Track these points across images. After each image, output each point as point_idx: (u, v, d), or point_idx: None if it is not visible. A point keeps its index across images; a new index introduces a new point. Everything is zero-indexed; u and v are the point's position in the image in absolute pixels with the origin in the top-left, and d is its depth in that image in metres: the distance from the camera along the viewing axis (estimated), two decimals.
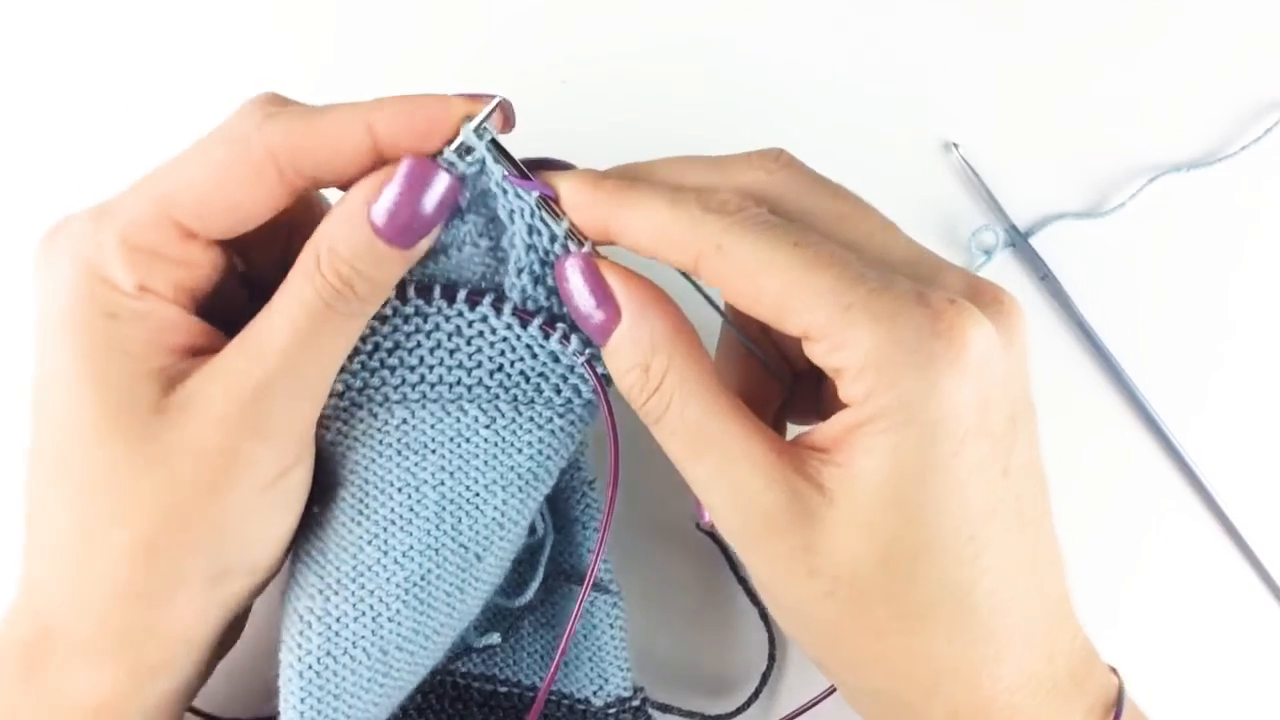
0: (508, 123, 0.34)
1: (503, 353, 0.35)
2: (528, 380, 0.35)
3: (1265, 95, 0.52)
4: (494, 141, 0.32)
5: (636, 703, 0.42)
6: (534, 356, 0.35)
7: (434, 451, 0.35)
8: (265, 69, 0.51)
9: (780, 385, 0.39)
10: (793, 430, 0.40)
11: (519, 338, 0.35)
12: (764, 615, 0.45)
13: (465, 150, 0.32)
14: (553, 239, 0.33)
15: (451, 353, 0.35)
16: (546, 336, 0.34)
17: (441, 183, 0.32)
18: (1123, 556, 0.47)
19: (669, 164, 0.34)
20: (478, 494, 0.35)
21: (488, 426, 0.36)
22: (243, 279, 0.37)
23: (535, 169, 0.34)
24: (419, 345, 0.35)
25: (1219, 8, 0.53)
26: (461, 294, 0.34)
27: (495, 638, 0.41)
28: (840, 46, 0.52)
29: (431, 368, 0.35)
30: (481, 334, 0.35)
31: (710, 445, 0.31)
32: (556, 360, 0.35)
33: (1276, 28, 0.53)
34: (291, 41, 0.51)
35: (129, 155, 0.49)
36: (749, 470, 0.31)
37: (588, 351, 0.34)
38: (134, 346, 0.31)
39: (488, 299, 0.34)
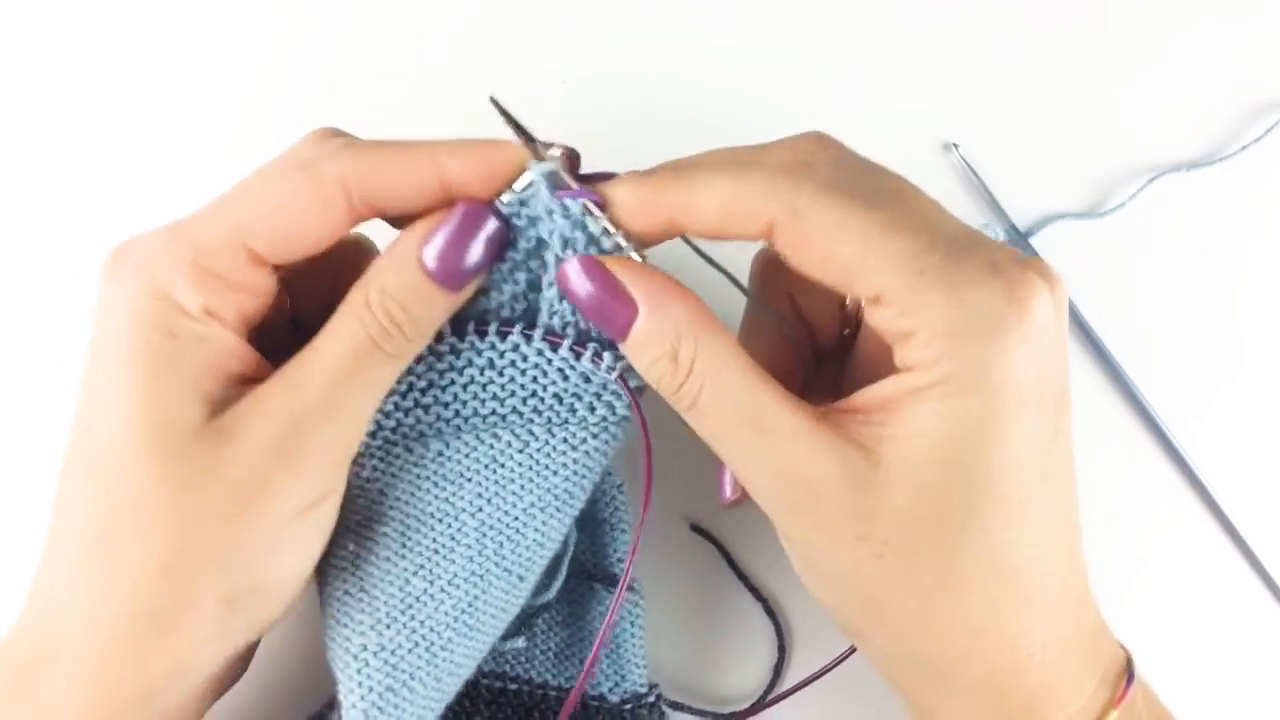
0: (574, 169, 0.34)
1: (535, 379, 0.35)
2: (561, 402, 0.36)
3: (1265, 95, 0.52)
4: (553, 174, 0.32)
5: (652, 699, 0.42)
6: (566, 379, 0.35)
7: (470, 480, 0.36)
8: (263, 72, 0.51)
9: (802, 366, 0.39)
10: None
11: (550, 362, 0.35)
12: (769, 610, 0.45)
13: (523, 193, 0.32)
14: (600, 246, 0.32)
15: (485, 386, 0.35)
16: (578, 357, 0.34)
17: (490, 226, 0.32)
18: (1123, 556, 0.47)
19: (710, 155, 0.33)
20: (517, 518, 0.36)
21: (521, 451, 0.36)
22: (290, 317, 0.38)
23: (583, 181, 0.33)
24: (452, 382, 0.35)
25: (1219, 9, 0.53)
26: (493, 327, 0.35)
27: (520, 642, 0.41)
28: (840, 47, 0.52)
29: (465, 402, 0.36)
30: (514, 363, 0.35)
31: (748, 421, 0.31)
32: (588, 380, 0.35)
33: (1276, 28, 0.53)
34: (291, 44, 0.51)
35: (127, 165, 0.49)
36: (790, 440, 0.31)
37: (619, 365, 0.34)
38: (189, 367, 0.31)
39: (518, 328, 0.35)
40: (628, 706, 0.42)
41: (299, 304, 0.38)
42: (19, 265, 0.48)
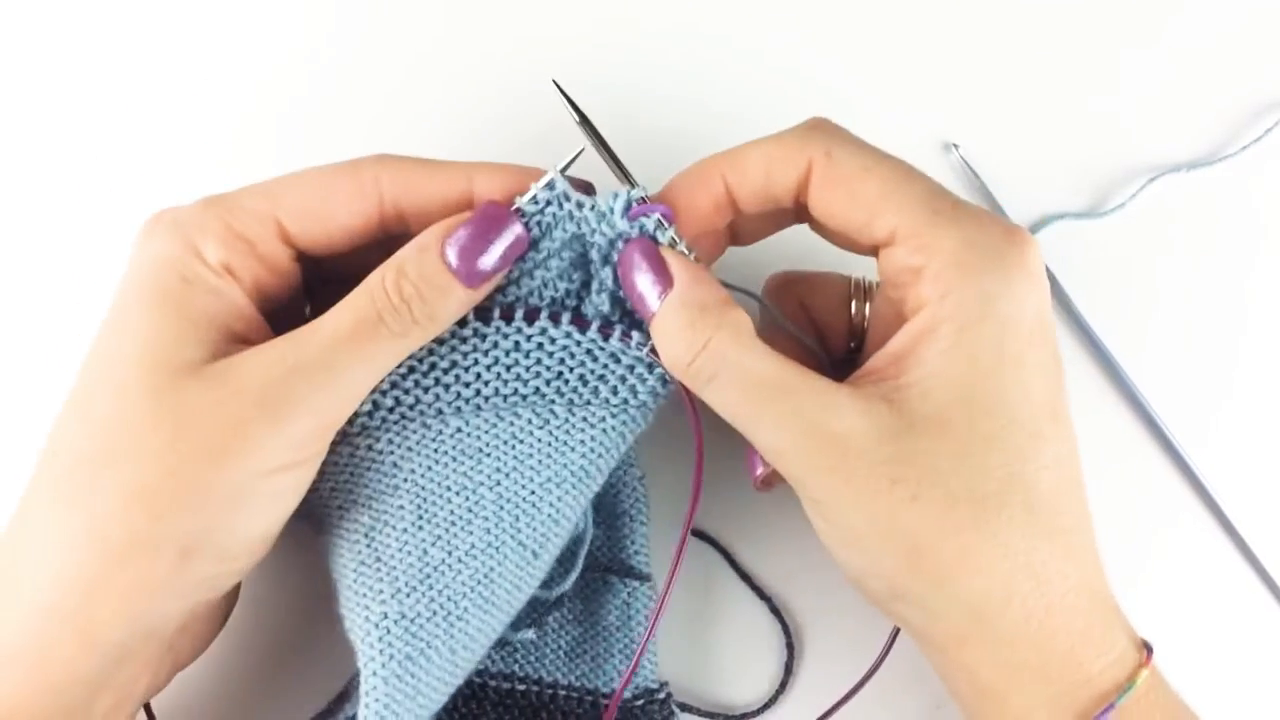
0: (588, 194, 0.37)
1: (562, 360, 0.37)
2: (585, 384, 0.37)
3: (1265, 95, 0.52)
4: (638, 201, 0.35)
5: (662, 696, 0.42)
6: (594, 359, 0.37)
7: (488, 455, 0.37)
8: (266, 75, 0.51)
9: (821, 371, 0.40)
10: None
11: (579, 343, 0.36)
12: (774, 608, 0.45)
13: (540, 199, 0.35)
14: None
15: (509, 368, 0.37)
16: (606, 338, 0.36)
17: (513, 231, 0.34)
18: (1122, 555, 0.47)
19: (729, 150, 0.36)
20: (533, 492, 0.37)
21: (541, 428, 0.37)
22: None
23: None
24: (476, 363, 0.37)
25: (1219, 8, 0.53)
26: (519, 313, 0.36)
27: (530, 634, 0.41)
28: (840, 47, 0.52)
29: (488, 382, 0.37)
30: (540, 345, 0.37)
31: (772, 389, 0.33)
32: (617, 360, 0.37)
33: (1276, 28, 0.53)
34: (293, 44, 0.51)
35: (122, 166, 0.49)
36: (814, 402, 0.33)
37: (650, 342, 0.36)
38: (196, 314, 0.33)
39: (544, 313, 0.36)
40: (639, 702, 0.42)
41: (319, 310, 0.38)
42: (26, 267, 0.48)
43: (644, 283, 0.35)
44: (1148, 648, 0.35)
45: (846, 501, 0.33)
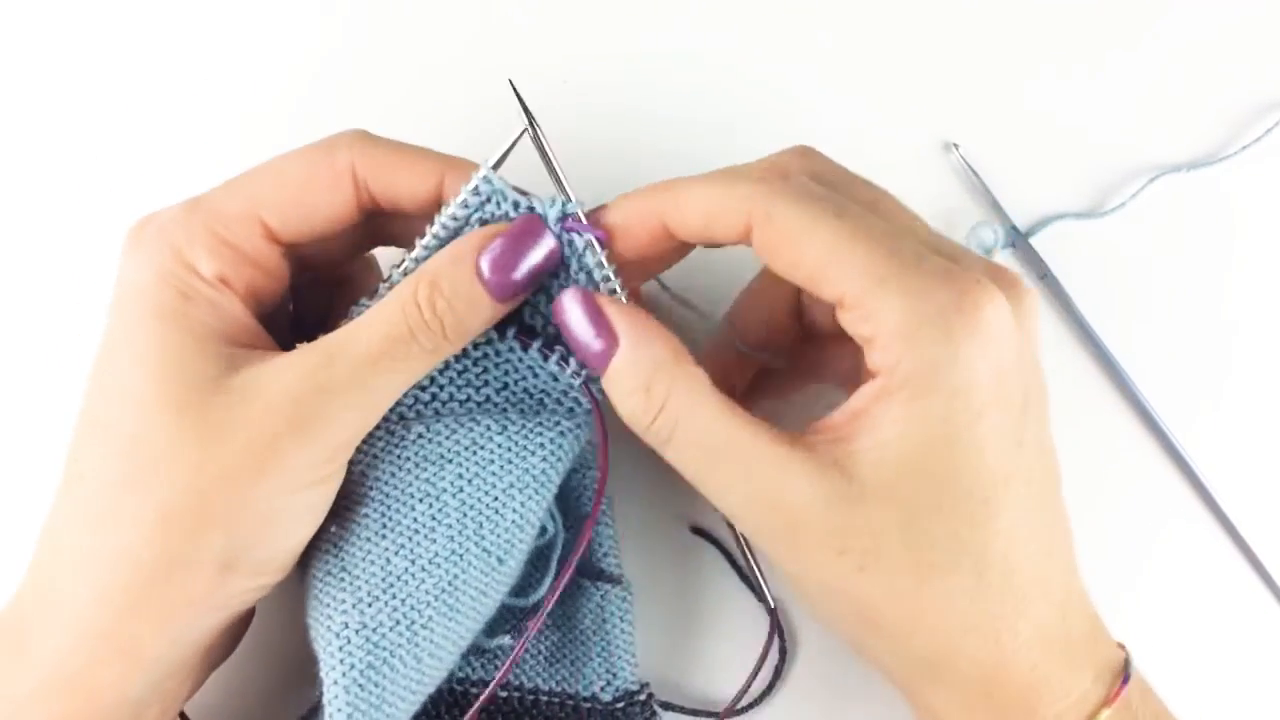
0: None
1: (507, 372, 0.37)
2: (531, 397, 0.37)
3: (1265, 95, 0.52)
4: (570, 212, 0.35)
5: (643, 697, 0.42)
6: (535, 376, 0.37)
7: (451, 461, 0.36)
8: (264, 77, 0.51)
9: (749, 370, 0.41)
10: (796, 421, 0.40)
11: (521, 360, 0.37)
12: (771, 610, 0.45)
13: (480, 191, 0.34)
14: (594, 279, 0.35)
15: (460, 373, 0.37)
16: (545, 359, 0.36)
17: (546, 246, 0.34)
18: (1121, 554, 0.47)
19: (700, 174, 0.35)
20: (496, 498, 0.36)
21: (501, 433, 0.37)
22: (292, 322, 0.39)
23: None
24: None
25: (1219, 7, 0.53)
26: None
27: (506, 640, 0.41)
28: (840, 47, 0.52)
29: (442, 386, 0.37)
30: (487, 355, 0.37)
31: (723, 453, 0.32)
32: (555, 380, 0.37)
33: (1276, 28, 0.53)
34: (295, 44, 0.51)
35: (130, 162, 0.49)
36: (765, 468, 0.32)
37: (584, 372, 0.36)
38: (200, 329, 0.33)
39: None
40: (620, 705, 0.42)
41: (302, 310, 0.39)
42: (25, 270, 0.48)
43: (585, 335, 0.34)
44: (1125, 677, 0.35)
45: (796, 567, 0.33)
